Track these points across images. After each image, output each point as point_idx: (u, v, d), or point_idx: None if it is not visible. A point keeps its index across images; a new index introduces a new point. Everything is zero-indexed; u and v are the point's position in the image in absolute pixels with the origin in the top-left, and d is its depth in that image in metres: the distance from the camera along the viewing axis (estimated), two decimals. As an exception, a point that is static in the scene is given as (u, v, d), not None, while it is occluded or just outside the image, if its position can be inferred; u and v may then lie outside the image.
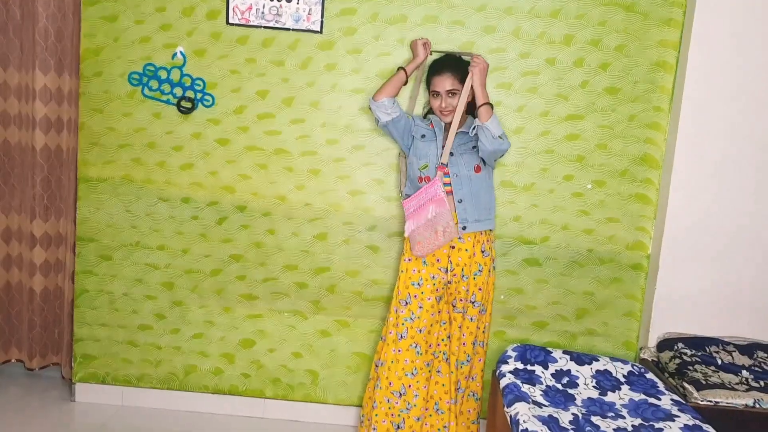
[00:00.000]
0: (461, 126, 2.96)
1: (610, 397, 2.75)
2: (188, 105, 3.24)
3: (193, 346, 3.40)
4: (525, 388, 2.73)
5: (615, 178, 3.22)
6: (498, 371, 2.91)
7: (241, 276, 3.35)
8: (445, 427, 3.02)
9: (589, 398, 2.74)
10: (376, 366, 3.07)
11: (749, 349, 3.04)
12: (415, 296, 2.95)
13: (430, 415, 3.04)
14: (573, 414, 2.56)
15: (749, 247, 3.15)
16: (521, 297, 3.30)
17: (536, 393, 2.72)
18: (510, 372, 2.86)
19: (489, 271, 3.01)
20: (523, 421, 2.42)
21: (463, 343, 3.02)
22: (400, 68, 3.01)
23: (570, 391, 2.78)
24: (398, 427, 2.98)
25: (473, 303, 3.00)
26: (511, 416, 2.53)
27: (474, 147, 2.94)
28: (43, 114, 3.35)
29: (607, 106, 3.18)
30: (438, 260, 2.95)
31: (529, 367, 2.90)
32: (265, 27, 3.17)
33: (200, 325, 3.39)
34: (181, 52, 3.22)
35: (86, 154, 3.30)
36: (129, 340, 3.41)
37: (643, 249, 3.25)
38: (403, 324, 2.96)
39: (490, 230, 3.03)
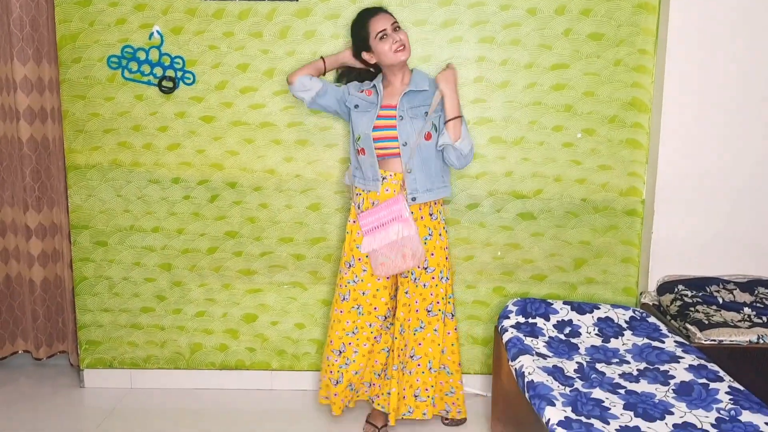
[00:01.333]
0: (409, 83, 2.85)
1: (614, 343, 2.76)
2: (169, 84, 3.21)
3: (197, 325, 3.42)
4: (528, 341, 2.74)
5: (604, 125, 3.19)
6: (500, 326, 2.91)
7: (237, 252, 3.35)
8: (388, 393, 3.01)
9: (592, 346, 2.74)
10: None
11: (750, 285, 3.04)
12: (359, 259, 2.93)
13: (378, 379, 3.08)
14: (577, 363, 2.57)
15: (743, 185, 3.13)
16: (518, 252, 3.30)
17: (539, 345, 2.72)
18: (512, 326, 2.86)
19: (440, 234, 2.94)
20: (528, 374, 2.43)
21: (416, 310, 2.95)
22: (321, 57, 2.99)
23: (573, 340, 2.79)
24: (336, 383, 3.00)
25: (426, 269, 2.92)
26: (516, 369, 2.54)
27: (426, 112, 2.82)
28: (26, 105, 3.32)
29: (591, 53, 3.14)
30: None
31: (530, 320, 2.90)
32: (240, -1, 3.14)
33: (201, 304, 3.40)
34: (157, 31, 3.18)
35: (72, 142, 3.28)
36: (132, 323, 3.42)
37: (637, 194, 3.23)
38: (346, 286, 2.96)
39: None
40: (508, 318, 2.93)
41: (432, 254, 2.91)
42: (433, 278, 2.93)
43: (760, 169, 3.13)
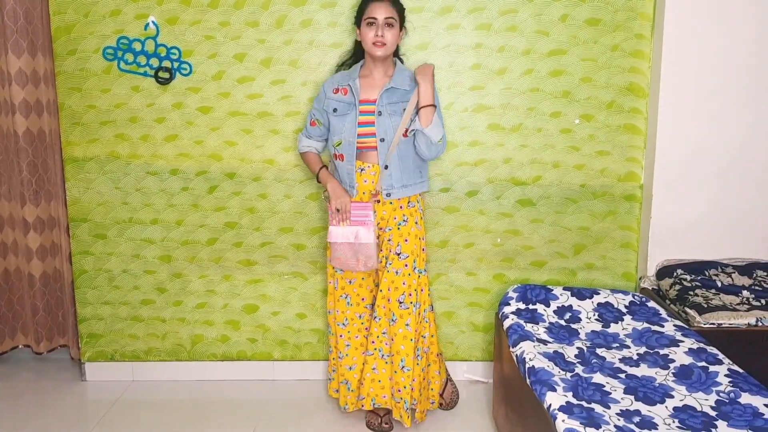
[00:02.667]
0: (392, 78, 2.82)
1: (614, 328, 2.77)
2: (166, 75, 3.19)
3: (198, 316, 3.42)
4: (528, 327, 2.74)
5: (602, 111, 3.19)
6: (500, 313, 2.92)
7: (237, 243, 3.35)
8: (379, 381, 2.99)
9: (592, 331, 2.75)
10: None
11: (748, 269, 3.05)
12: None
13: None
14: (578, 348, 2.58)
15: (741, 169, 3.13)
16: (518, 238, 3.30)
17: (540, 331, 2.73)
18: (512, 313, 2.87)
19: (416, 222, 2.91)
20: (529, 359, 2.43)
21: (388, 299, 2.89)
22: (322, 167, 2.97)
23: (573, 326, 2.80)
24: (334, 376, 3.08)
25: (399, 255, 2.88)
26: (517, 355, 2.55)
27: (404, 109, 2.80)
28: (22, 98, 3.30)
29: (589, 38, 3.13)
30: None
31: (530, 307, 2.91)
32: (235, -12, 3.12)
33: (202, 295, 3.40)
34: (153, 22, 3.16)
35: (69, 135, 3.27)
36: (133, 315, 3.42)
37: (636, 179, 3.24)
38: (334, 275, 2.99)
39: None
40: (509, 304, 2.93)
41: (406, 240, 2.88)
42: (406, 266, 2.88)
43: (759, 153, 3.13)
